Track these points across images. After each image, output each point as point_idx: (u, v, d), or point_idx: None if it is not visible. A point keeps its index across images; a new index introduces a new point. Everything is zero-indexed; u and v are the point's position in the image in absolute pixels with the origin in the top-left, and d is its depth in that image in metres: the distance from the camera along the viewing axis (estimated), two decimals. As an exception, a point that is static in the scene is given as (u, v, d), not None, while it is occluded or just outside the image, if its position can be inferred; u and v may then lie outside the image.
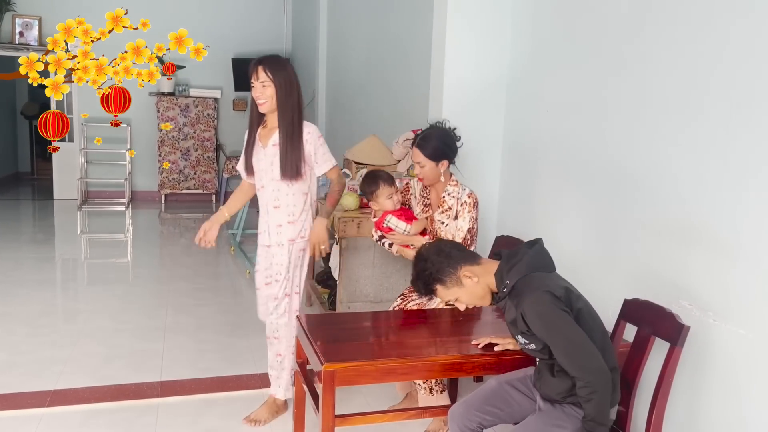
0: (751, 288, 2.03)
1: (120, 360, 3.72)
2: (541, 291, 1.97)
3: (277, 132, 2.89)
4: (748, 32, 2.03)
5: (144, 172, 9.30)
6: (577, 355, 1.95)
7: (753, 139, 2.01)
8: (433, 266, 2.13)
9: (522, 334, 2.07)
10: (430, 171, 2.86)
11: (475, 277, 2.10)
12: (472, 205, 2.86)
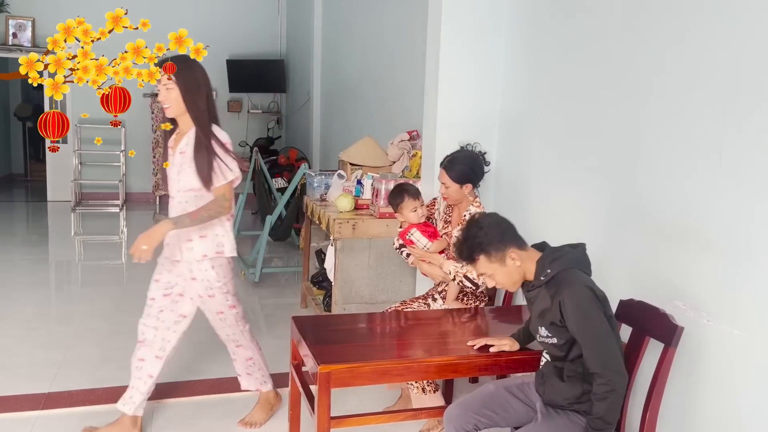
0: (745, 288, 2.04)
1: (115, 362, 3.71)
2: (583, 285, 2.01)
3: (185, 138, 2.69)
4: (744, 34, 2.04)
5: (138, 173, 9.28)
6: (605, 353, 1.97)
7: (747, 139, 2.02)
8: (485, 237, 2.09)
9: (549, 326, 2.06)
10: (454, 192, 2.99)
11: (519, 261, 2.10)
12: None
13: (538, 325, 2.12)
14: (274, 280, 5.51)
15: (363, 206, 3.91)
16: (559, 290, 2.01)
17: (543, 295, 2.08)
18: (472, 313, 2.96)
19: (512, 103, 3.41)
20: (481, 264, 2.13)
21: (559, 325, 2.04)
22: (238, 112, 9.55)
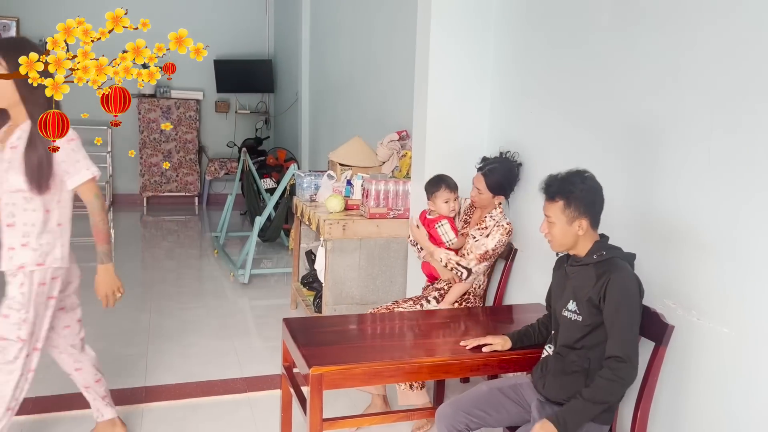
0: (734, 286, 2.05)
1: (103, 365, 3.63)
2: (633, 275, 2.08)
3: (18, 131, 2.36)
4: (732, 34, 2.06)
5: (125, 174, 9.20)
6: (631, 342, 2.01)
7: (734, 138, 2.03)
8: (580, 192, 2.10)
9: (584, 302, 2.08)
10: (485, 200, 3.05)
11: (582, 231, 2.12)
12: (506, 232, 3.03)
13: (569, 299, 2.14)
14: (264, 281, 5.49)
15: (353, 207, 3.90)
16: (609, 271, 2.05)
17: (587, 273, 2.11)
18: (463, 313, 2.95)
19: (502, 103, 3.41)
20: (554, 207, 2.13)
21: (593, 305, 2.06)
22: (225, 112, 9.49)
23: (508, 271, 3.25)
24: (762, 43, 1.94)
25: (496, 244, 3.00)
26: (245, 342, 4.09)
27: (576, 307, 2.11)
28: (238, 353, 3.88)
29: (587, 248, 2.15)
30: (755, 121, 1.96)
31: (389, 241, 3.69)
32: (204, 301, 4.92)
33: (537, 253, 3.09)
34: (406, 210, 3.71)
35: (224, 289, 5.25)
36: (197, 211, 8.96)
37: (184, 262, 6.16)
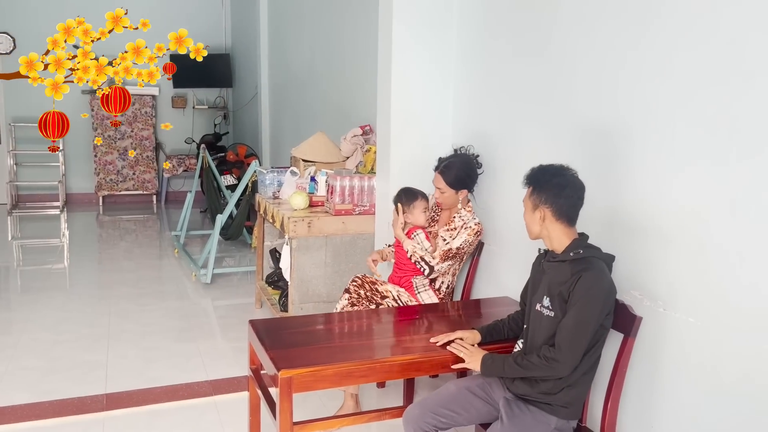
0: (698, 277, 2.08)
1: (61, 373, 3.54)
2: (606, 278, 2.07)
3: None
4: (696, 26, 2.07)
5: (79, 173, 8.93)
6: (576, 340, 2.02)
7: (695, 132, 2.05)
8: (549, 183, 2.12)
9: (556, 297, 2.09)
10: (449, 198, 3.04)
11: (545, 223, 2.14)
12: (474, 232, 3.02)
13: (544, 295, 2.15)
14: (227, 280, 5.38)
15: (318, 203, 3.85)
16: (584, 269, 2.05)
17: (562, 269, 2.11)
18: (431, 308, 2.94)
19: (466, 97, 3.40)
20: (527, 193, 2.19)
21: (564, 301, 2.07)
22: (182, 108, 9.29)
23: (476, 266, 3.24)
24: (721, 38, 1.96)
25: (462, 243, 3.00)
26: (210, 343, 4.01)
27: (549, 303, 2.12)
28: (203, 355, 3.79)
29: (564, 245, 2.14)
30: (717, 115, 1.98)
31: (355, 237, 3.65)
32: (165, 302, 4.80)
33: (505, 247, 3.09)
34: (371, 206, 3.68)
35: (186, 290, 5.13)
36: (156, 210, 8.75)
37: (143, 262, 6.00)
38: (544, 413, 2.09)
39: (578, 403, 2.13)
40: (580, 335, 2.02)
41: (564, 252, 2.13)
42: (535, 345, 2.16)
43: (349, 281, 3.10)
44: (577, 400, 2.12)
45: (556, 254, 2.16)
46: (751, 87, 1.88)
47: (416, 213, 3.09)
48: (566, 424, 2.12)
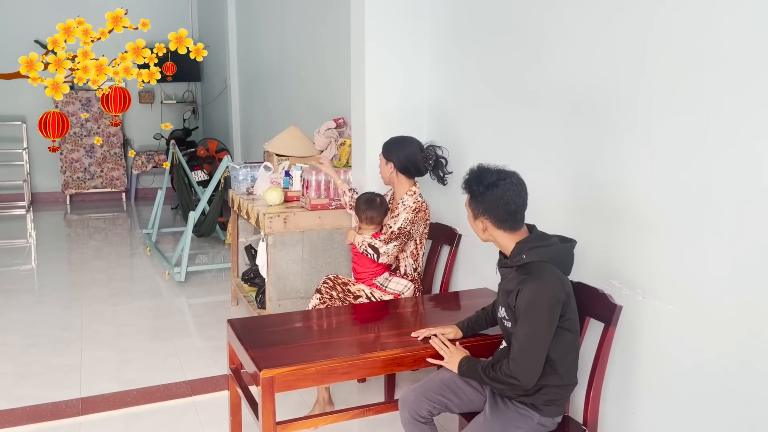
0: (675, 264, 2.10)
1: (33, 378, 3.46)
2: (549, 286, 1.99)
3: None
4: (670, 14, 2.08)
5: (44, 172, 8.71)
6: (527, 357, 1.98)
7: (674, 121, 2.07)
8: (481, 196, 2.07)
9: (507, 308, 2.07)
10: (382, 169, 3.13)
11: (487, 230, 2.12)
12: (412, 209, 3.02)
13: (500, 305, 2.14)
14: (201, 278, 5.31)
15: (293, 198, 3.80)
16: (526, 280, 2.01)
17: (512, 277, 2.09)
18: (410, 302, 2.93)
19: (440, 87, 3.38)
20: (467, 201, 2.17)
21: (513, 311, 2.04)
22: (150, 103, 9.11)
23: (453, 257, 3.24)
24: (698, 23, 1.97)
25: (402, 223, 3.00)
26: (186, 343, 3.95)
27: (505, 314, 2.11)
28: (180, 355, 3.74)
29: (509, 249, 2.10)
30: (693, 102, 2.00)
31: (332, 232, 3.62)
32: (139, 302, 4.71)
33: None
34: (347, 200, 3.64)
35: (160, 289, 5.04)
36: (125, 208, 8.59)
37: (114, 261, 5.89)
38: (528, 409, 2.09)
39: (561, 401, 2.12)
40: (532, 349, 1.99)
41: (510, 257, 2.10)
42: (504, 351, 2.16)
43: (321, 282, 3.08)
44: (560, 398, 2.12)
45: (505, 259, 2.14)
46: (727, 74, 1.90)
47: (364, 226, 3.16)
48: (550, 420, 2.12)
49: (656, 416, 2.22)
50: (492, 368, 2.07)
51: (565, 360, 2.08)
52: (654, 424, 2.23)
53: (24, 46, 7.61)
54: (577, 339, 2.14)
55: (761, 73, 1.80)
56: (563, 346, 2.06)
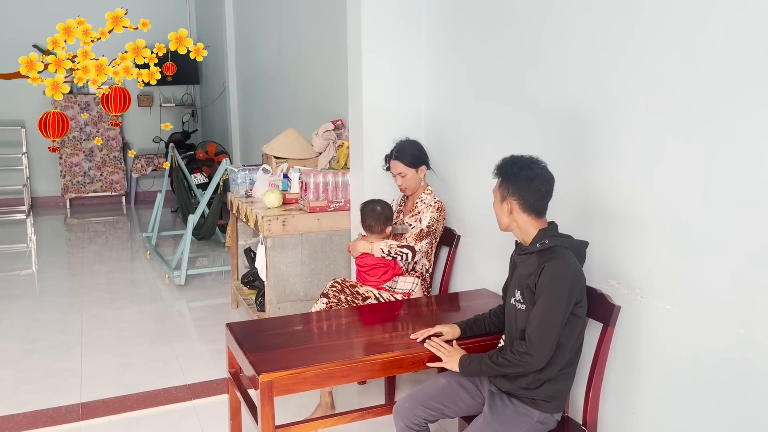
0: (673, 264, 2.10)
1: (34, 383, 3.46)
2: (571, 267, 2.05)
3: None
4: (667, 16, 2.08)
5: (44, 176, 8.72)
6: (545, 332, 2.00)
7: (668, 120, 2.07)
8: (516, 176, 2.11)
9: (525, 290, 2.09)
10: (411, 179, 3.10)
11: (512, 214, 2.15)
12: (436, 208, 3.09)
13: (516, 288, 2.16)
14: (201, 281, 5.31)
15: (291, 201, 3.80)
16: (550, 259, 2.05)
17: (531, 261, 2.11)
18: (410, 304, 2.93)
19: (437, 89, 3.38)
20: (496, 185, 2.19)
21: (532, 292, 2.06)
22: (149, 106, 9.12)
23: (453, 258, 3.24)
24: (694, 23, 1.97)
25: (429, 221, 3.06)
26: (186, 347, 3.95)
27: (521, 297, 2.12)
28: (180, 359, 3.74)
29: (531, 235, 2.14)
30: (689, 102, 2.00)
31: (331, 234, 3.62)
32: (139, 306, 4.72)
33: (481, 239, 3.09)
34: (346, 202, 3.65)
35: (160, 292, 5.05)
36: (125, 211, 8.60)
37: (115, 265, 5.89)
38: (527, 407, 2.10)
39: (561, 397, 2.13)
40: (549, 325, 2.01)
41: (531, 243, 2.13)
42: (511, 339, 2.16)
43: (328, 285, 3.05)
44: (560, 394, 2.12)
45: (525, 247, 2.16)
46: (723, 74, 1.89)
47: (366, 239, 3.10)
48: (549, 417, 2.13)
49: (655, 415, 2.21)
50: (499, 354, 2.09)
51: (573, 347, 2.10)
52: (653, 424, 2.22)
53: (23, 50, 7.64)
54: (584, 328, 2.15)
55: (758, 73, 1.80)
56: (573, 331, 2.08)
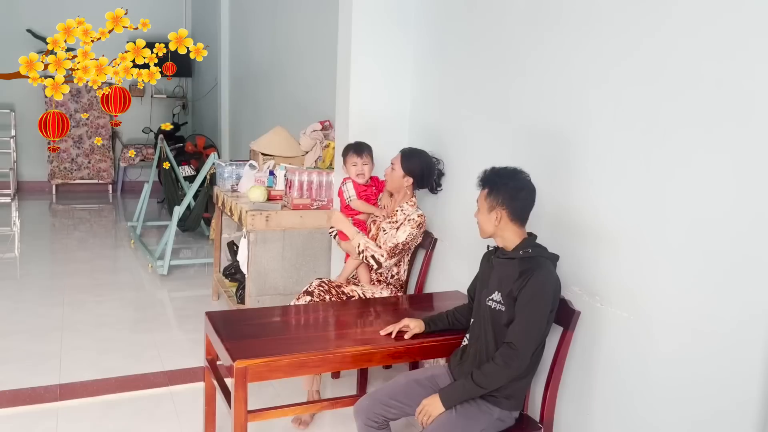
0: (631, 274, 2.22)
1: (13, 363, 3.52)
2: (555, 277, 2.21)
3: None
4: (630, 40, 2.21)
5: (31, 160, 8.72)
6: (530, 336, 2.13)
7: (632, 135, 2.19)
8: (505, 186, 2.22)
9: (506, 295, 2.19)
10: (396, 179, 3.08)
11: (498, 224, 2.24)
12: (416, 224, 3.07)
13: (494, 290, 2.25)
14: (183, 272, 5.38)
15: (276, 197, 3.90)
16: (532, 269, 2.17)
17: (511, 266, 2.22)
18: (385, 302, 3.03)
19: (422, 97, 3.49)
20: (481, 194, 2.28)
21: (513, 299, 2.17)
22: (140, 96, 9.15)
23: (429, 260, 3.35)
24: (655, 48, 2.10)
25: (407, 237, 3.04)
26: (166, 335, 4.03)
27: (500, 298, 2.22)
28: (159, 347, 3.82)
29: (515, 243, 2.25)
30: (650, 123, 2.12)
31: (313, 232, 3.72)
32: (121, 293, 4.79)
33: (456, 243, 3.21)
34: (329, 201, 3.75)
35: (142, 281, 5.12)
36: (111, 200, 8.63)
37: (98, 252, 5.94)
38: (488, 404, 2.20)
39: (520, 394, 2.25)
40: (533, 332, 2.13)
41: (514, 250, 2.24)
42: (481, 339, 2.26)
43: (315, 284, 3.06)
44: (520, 392, 2.24)
45: (506, 251, 2.27)
46: (681, 97, 2.02)
47: (347, 167, 3.24)
48: (508, 414, 2.24)
49: (609, 417, 2.33)
50: (478, 371, 2.16)
51: (538, 350, 2.22)
52: (607, 425, 2.34)
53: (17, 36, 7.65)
54: (548, 332, 2.27)
55: (713, 101, 1.93)
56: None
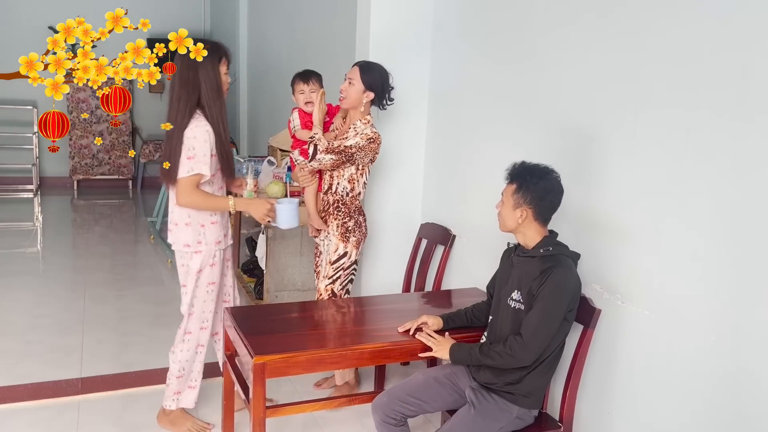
0: (653, 272, 2.20)
1: (36, 356, 3.57)
2: (575, 277, 2.19)
3: None
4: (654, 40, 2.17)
5: (53, 156, 8.82)
6: (542, 331, 2.12)
7: (654, 135, 2.16)
8: (536, 184, 2.19)
9: (526, 293, 2.18)
10: (354, 93, 2.89)
11: (522, 221, 2.22)
12: (366, 137, 2.86)
13: (514, 288, 2.24)
14: (203, 267, 5.41)
15: (294, 193, 3.90)
16: (553, 266, 2.15)
17: (532, 264, 2.21)
18: (403, 299, 3.03)
19: (440, 93, 3.48)
20: (508, 188, 2.26)
21: (532, 296, 2.16)
22: (160, 92, 9.21)
23: (447, 257, 3.34)
24: (683, 47, 2.06)
25: (353, 144, 2.84)
26: (185, 329, 4.04)
27: (520, 297, 2.21)
28: (178, 341, 3.84)
29: (535, 241, 2.23)
30: (674, 119, 2.09)
31: (330, 227, 3.71)
32: (141, 288, 4.83)
33: (474, 240, 3.19)
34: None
35: (162, 276, 5.16)
36: (131, 195, 8.71)
37: (119, 248, 6.01)
38: (507, 402, 2.19)
39: (539, 392, 2.23)
40: (545, 328, 2.12)
41: (534, 248, 2.22)
42: (501, 336, 2.25)
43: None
44: (539, 390, 2.23)
45: (527, 249, 2.25)
46: (707, 96, 1.99)
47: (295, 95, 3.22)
48: (527, 412, 2.23)
49: (630, 417, 2.31)
50: (489, 346, 2.20)
51: (555, 347, 2.20)
52: (627, 425, 2.32)
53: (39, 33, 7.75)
54: (568, 331, 2.25)
55: (742, 93, 1.89)
56: (559, 333, 2.19)
